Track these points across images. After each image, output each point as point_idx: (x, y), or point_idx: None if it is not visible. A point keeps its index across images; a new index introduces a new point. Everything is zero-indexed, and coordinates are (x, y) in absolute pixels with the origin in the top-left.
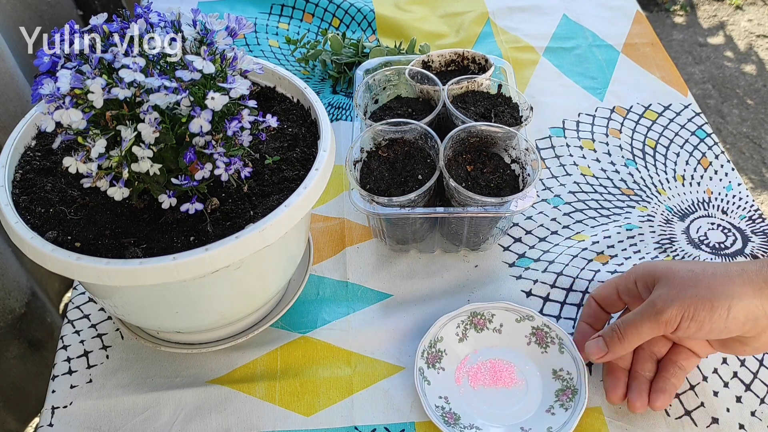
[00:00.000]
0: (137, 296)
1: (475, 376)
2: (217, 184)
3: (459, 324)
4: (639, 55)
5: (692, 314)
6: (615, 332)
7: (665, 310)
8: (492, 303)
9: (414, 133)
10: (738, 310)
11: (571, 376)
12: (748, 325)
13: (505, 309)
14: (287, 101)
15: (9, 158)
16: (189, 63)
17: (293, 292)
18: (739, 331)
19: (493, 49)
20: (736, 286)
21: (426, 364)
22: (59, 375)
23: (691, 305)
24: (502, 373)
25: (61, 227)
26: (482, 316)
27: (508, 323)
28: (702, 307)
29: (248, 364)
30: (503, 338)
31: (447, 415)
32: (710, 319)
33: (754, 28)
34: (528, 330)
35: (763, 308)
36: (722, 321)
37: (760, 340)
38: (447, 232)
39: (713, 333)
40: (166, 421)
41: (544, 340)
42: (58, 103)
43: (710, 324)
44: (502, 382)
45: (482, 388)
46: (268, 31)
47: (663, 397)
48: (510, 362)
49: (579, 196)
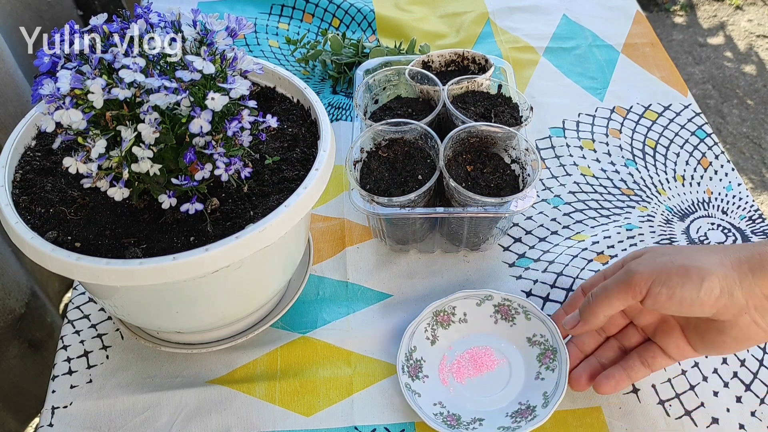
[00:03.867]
0: (137, 296)
1: (459, 371)
2: (217, 184)
3: (426, 328)
4: (639, 55)
5: (664, 279)
6: (587, 300)
7: (636, 272)
8: (449, 297)
9: (414, 133)
10: (713, 280)
11: (546, 338)
12: (722, 299)
13: (464, 297)
14: (287, 101)
15: (9, 158)
16: (189, 63)
17: (293, 292)
18: (713, 308)
19: (493, 49)
20: (716, 257)
21: (410, 378)
22: (59, 375)
23: (664, 271)
24: (481, 359)
25: (61, 227)
26: (444, 312)
27: (471, 310)
28: (675, 273)
29: (248, 364)
30: (471, 326)
31: (448, 419)
32: (682, 287)
33: (754, 28)
34: (491, 310)
35: (740, 283)
36: (695, 290)
37: (739, 327)
38: (447, 232)
39: (684, 305)
40: (166, 421)
41: (509, 314)
42: (58, 103)
43: (682, 292)
44: (485, 368)
45: (469, 380)
46: (268, 31)
47: (607, 384)
48: (485, 346)
49: (579, 196)
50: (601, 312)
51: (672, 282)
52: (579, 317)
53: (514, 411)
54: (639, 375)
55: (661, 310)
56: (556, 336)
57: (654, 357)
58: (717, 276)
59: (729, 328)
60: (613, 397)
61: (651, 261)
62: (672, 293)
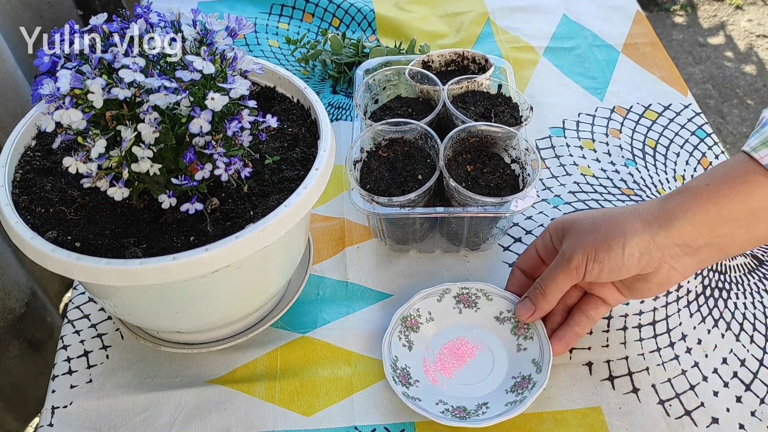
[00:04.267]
0: (137, 296)
1: (444, 367)
2: (217, 184)
3: (399, 336)
4: (639, 55)
5: (594, 256)
6: (537, 290)
7: (573, 257)
8: (409, 301)
9: (414, 133)
10: (632, 245)
11: (512, 311)
12: (644, 259)
13: (424, 297)
14: (287, 101)
15: (9, 158)
16: (189, 63)
17: (293, 292)
18: (638, 268)
19: (493, 49)
20: (629, 224)
21: (404, 387)
22: (59, 375)
23: (592, 248)
24: (460, 350)
25: (61, 227)
26: (411, 317)
27: (434, 307)
28: (601, 248)
29: (248, 364)
30: (438, 323)
31: (456, 413)
32: (609, 258)
33: (754, 28)
34: (452, 302)
35: (654, 241)
36: (619, 258)
37: (660, 274)
38: (447, 232)
39: (614, 272)
40: (166, 421)
41: (470, 300)
42: (58, 103)
43: (610, 263)
44: (467, 357)
45: (456, 372)
46: (268, 31)
47: (559, 345)
48: (459, 337)
49: (579, 196)
50: (554, 298)
51: (600, 257)
52: (533, 306)
53: (512, 386)
54: (585, 328)
55: (598, 280)
56: None
57: (596, 307)
58: (634, 241)
59: (652, 276)
60: (613, 397)
61: (580, 242)
62: (602, 266)
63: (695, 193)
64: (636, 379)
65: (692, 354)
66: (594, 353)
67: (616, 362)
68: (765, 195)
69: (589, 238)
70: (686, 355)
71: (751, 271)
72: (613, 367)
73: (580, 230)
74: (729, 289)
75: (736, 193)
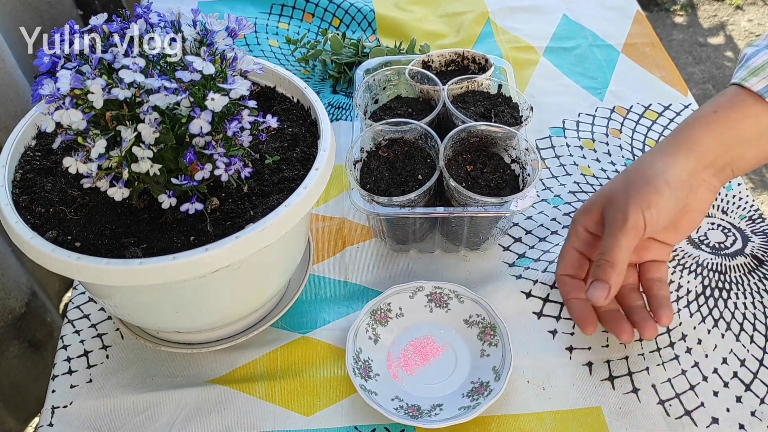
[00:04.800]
0: (137, 296)
1: (407, 364)
2: (217, 184)
3: (366, 328)
4: (639, 55)
5: (647, 203)
6: (603, 264)
7: (628, 216)
8: (382, 294)
9: (414, 133)
10: (674, 176)
11: (482, 316)
12: (688, 183)
13: (396, 292)
14: (287, 101)
15: (9, 158)
16: (189, 63)
17: (293, 292)
18: (687, 190)
19: (493, 49)
20: (657, 163)
21: (363, 379)
22: (59, 375)
23: (641, 198)
24: (425, 348)
25: (61, 227)
26: (381, 310)
27: (405, 304)
28: (648, 193)
29: (248, 364)
30: (408, 319)
31: (409, 411)
32: (661, 198)
33: (754, 28)
34: (424, 300)
35: (687, 167)
36: (668, 190)
37: (698, 198)
38: (447, 232)
39: (670, 208)
40: (166, 421)
41: (442, 300)
42: (58, 103)
43: (664, 201)
44: (430, 356)
45: (418, 370)
46: (268, 31)
47: (665, 313)
48: (426, 335)
49: (579, 196)
50: (623, 266)
51: (653, 200)
52: (605, 283)
53: (469, 390)
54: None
55: (658, 227)
56: (492, 313)
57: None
58: (673, 171)
59: (693, 204)
60: (613, 397)
61: (625, 200)
62: (659, 208)
63: (706, 121)
64: (636, 379)
65: (692, 354)
66: (594, 353)
67: (615, 362)
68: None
69: (631, 192)
70: (686, 355)
71: (751, 271)
72: (613, 367)
73: (617, 193)
74: (729, 289)
75: (743, 117)
